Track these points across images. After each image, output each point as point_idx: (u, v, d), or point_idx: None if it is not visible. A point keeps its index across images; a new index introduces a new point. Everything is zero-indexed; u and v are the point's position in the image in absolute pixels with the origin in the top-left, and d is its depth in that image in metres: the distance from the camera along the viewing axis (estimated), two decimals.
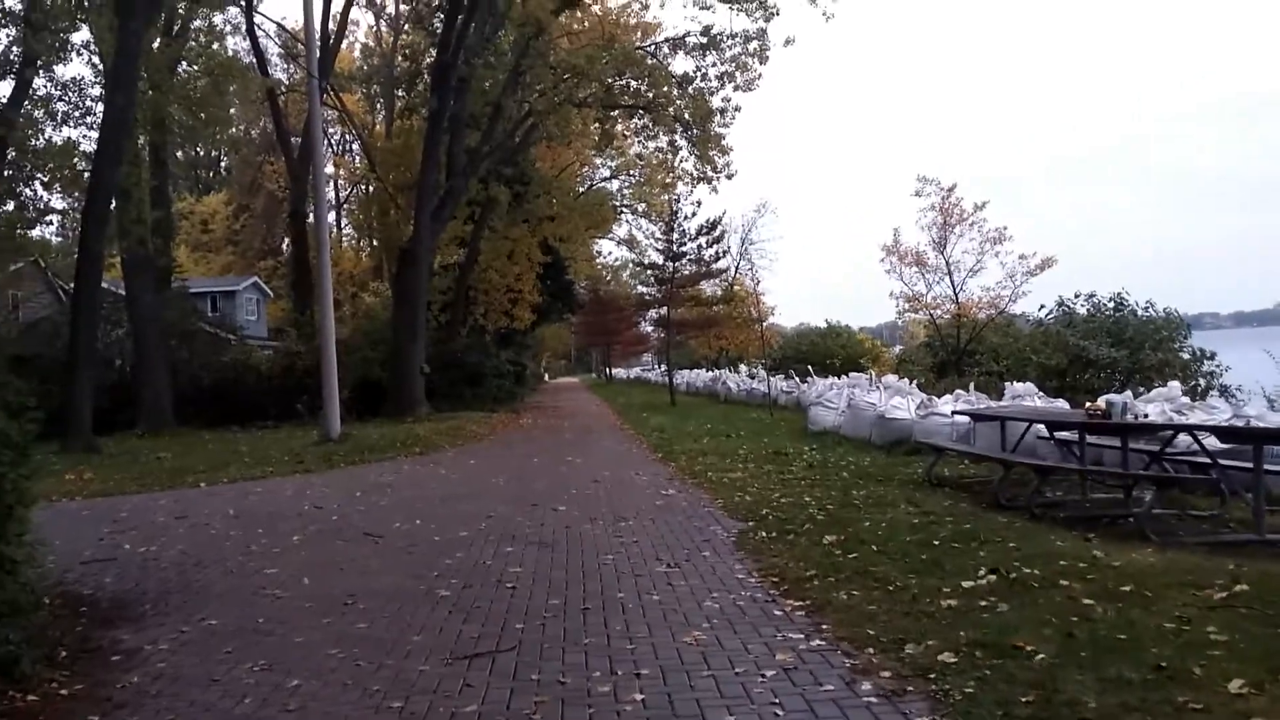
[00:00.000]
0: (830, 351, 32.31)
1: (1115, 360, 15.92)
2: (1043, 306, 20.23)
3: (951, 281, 25.23)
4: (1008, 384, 12.81)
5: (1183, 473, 7.75)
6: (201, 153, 66.60)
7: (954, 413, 11.66)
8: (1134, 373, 15.72)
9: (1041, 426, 9.40)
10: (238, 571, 7.10)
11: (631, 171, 44.72)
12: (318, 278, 20.08)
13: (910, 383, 14.81)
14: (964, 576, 5.46)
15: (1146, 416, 8.25)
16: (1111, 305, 18.86)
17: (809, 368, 24.18)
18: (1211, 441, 8.23)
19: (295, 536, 8.53)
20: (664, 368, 57.25)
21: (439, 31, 27.48)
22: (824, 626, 4.78)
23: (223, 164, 66.20)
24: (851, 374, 18.24)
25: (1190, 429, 7.68)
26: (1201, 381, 15.01)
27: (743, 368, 35.27)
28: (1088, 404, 8.65)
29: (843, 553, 6.40)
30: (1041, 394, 12.64)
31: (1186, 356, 17.04)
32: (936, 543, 6.47)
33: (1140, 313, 18.22)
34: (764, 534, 7.34)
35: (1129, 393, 10.87)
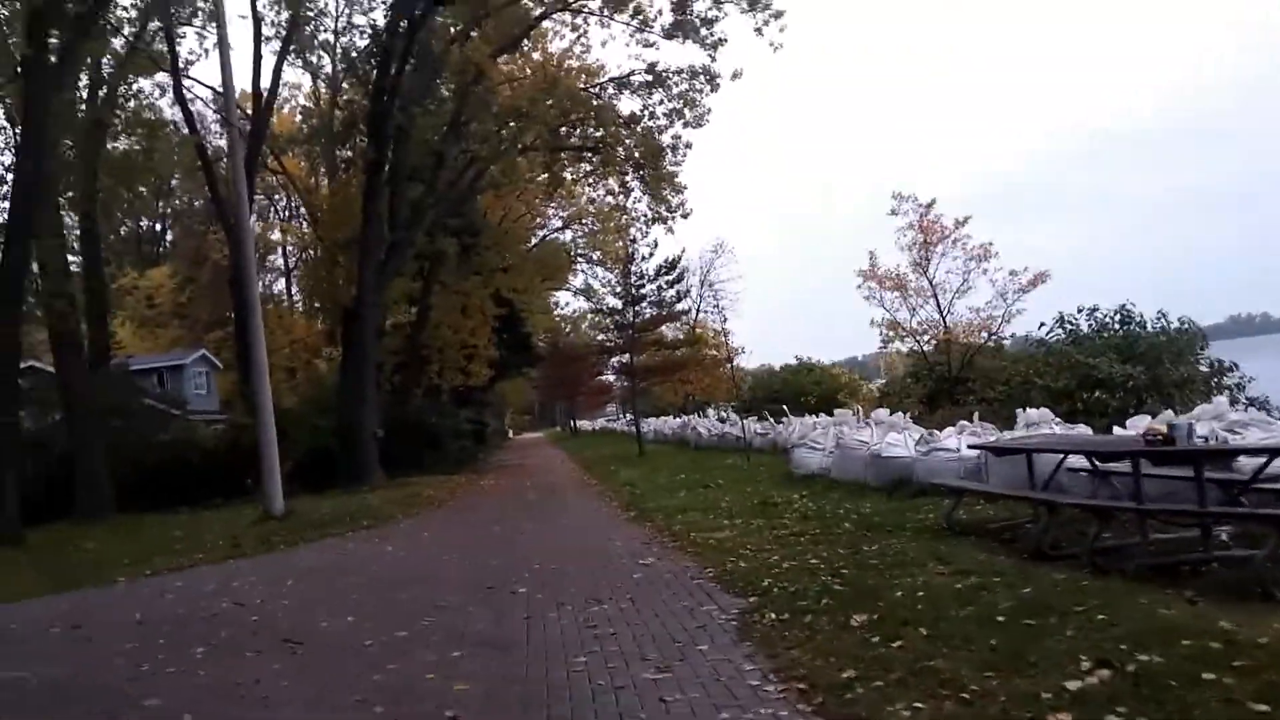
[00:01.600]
0: (803, 389, 30.94)
1: (1131, 378, 14.66)
2: (1042, 325, 19.00)
3: (938, 304, 23.92)
4: (1021, 411, 11.52)
5: (1270, 505, 6.43)
6: (145, 226, 65.01)
7: (971, 447, 10.29)
8: (1152, 390, 14.53)
9: (1078, 459, 8.08)
10: (107, 708, 5.52)
11: (584, 220, 43.78)
12: (251, 342, 18.46)
13: (905, 416, 13.50)
14: (1061, 671, 4.04)
15: (1209, 440, 6.98)
16: (1118, 319, 17.68)
17: (784, 407, 22.85)
18: None
19: (199, 649, 6.93)
20: (629, 417, 55.88)
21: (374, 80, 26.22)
22: None
23: (168, 237, 64.37)
24: (836, 411, 16.91)
25: None
26: (1225, 396, 13.80)
27: (711, 412, 33.94)
28: (1145, 428, 7.35)
29: (882, 639, 4.96)
30: (1059, 420, 11.36)
31: (1205, 369, 15.88)
32: (1000, 618, 5.03)
33: (1151, 325, 17.08)
34: (772, 615, 5.87)
35: (1169, 413, 9.62)
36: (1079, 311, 18.38)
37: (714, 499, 13.43)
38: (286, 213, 52.93)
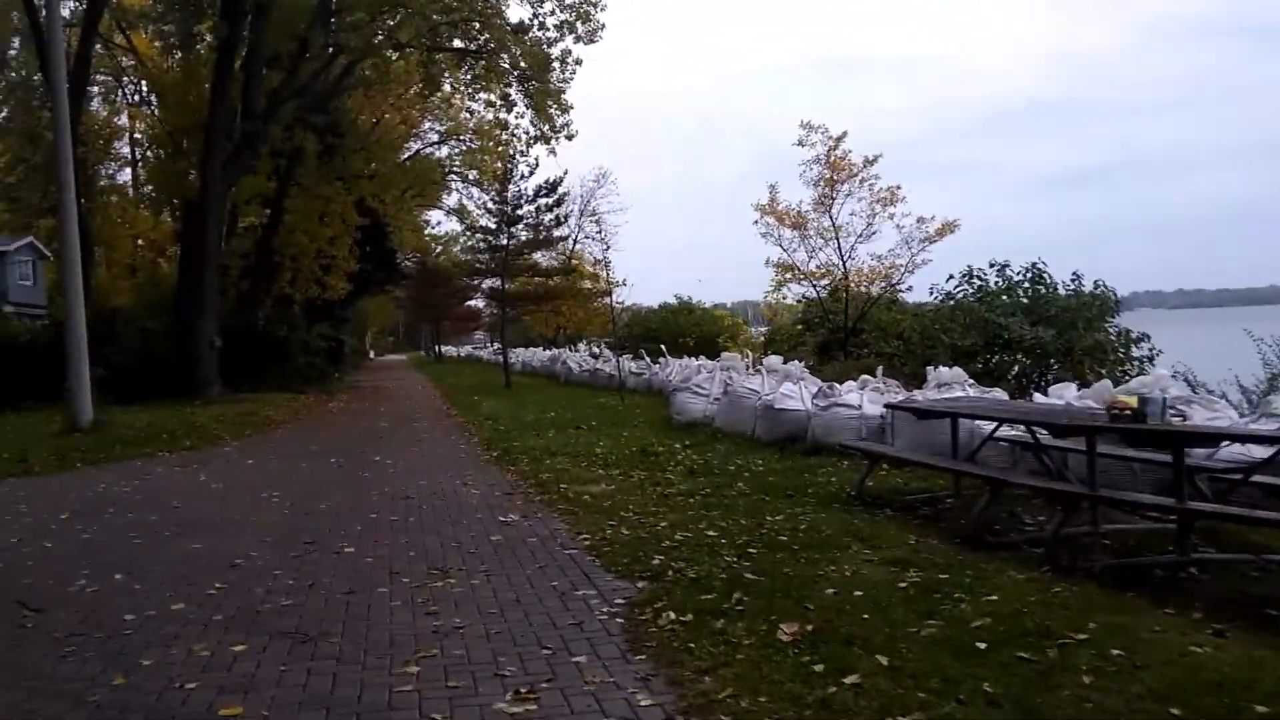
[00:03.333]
0: (682, 329, 29.65)
1: (1040, 341, 13.84)
2: (950, 277, 17.83)
3: (839, 247, 22.15)
4: (930, 369, 10.50)
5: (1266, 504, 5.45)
6: None
7: (889, 406, 9.11)
8: (1063, 356, 13.78)
9: (1011, 429, 7.03)
10: None
11: (461, 136, 41.17)
12: (62, 226, 15.93)
13: (800, 366, 12.35)
14: None
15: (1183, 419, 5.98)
16: (1029, 277, 16.79)
17: (662, 347, 21.52)
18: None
19: None
20: (497, 346, 53.86)
21: None
22: None
23: (1, 112, 57.99)
24: (724, 355, 15.68)
25: None
26: (1131, 369, 13.21)
27: (583, 346, 32.49)
28: (1111, 399, 6.28)
29: (827, 667, 3.64)
30: (973, 382, 10.40)
31: (1114, 337, 15.18)
32: (980, 644, 3.80)
33: (1064, 288, 16.30)
34: (671, 614, 4.50)
35: (1107, 382, 8.71)
36: (990, 266, 17.47)
37: (587, 443, 12.01)
38: (136, 97, 48.10)
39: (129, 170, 51.93)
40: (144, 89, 46.79)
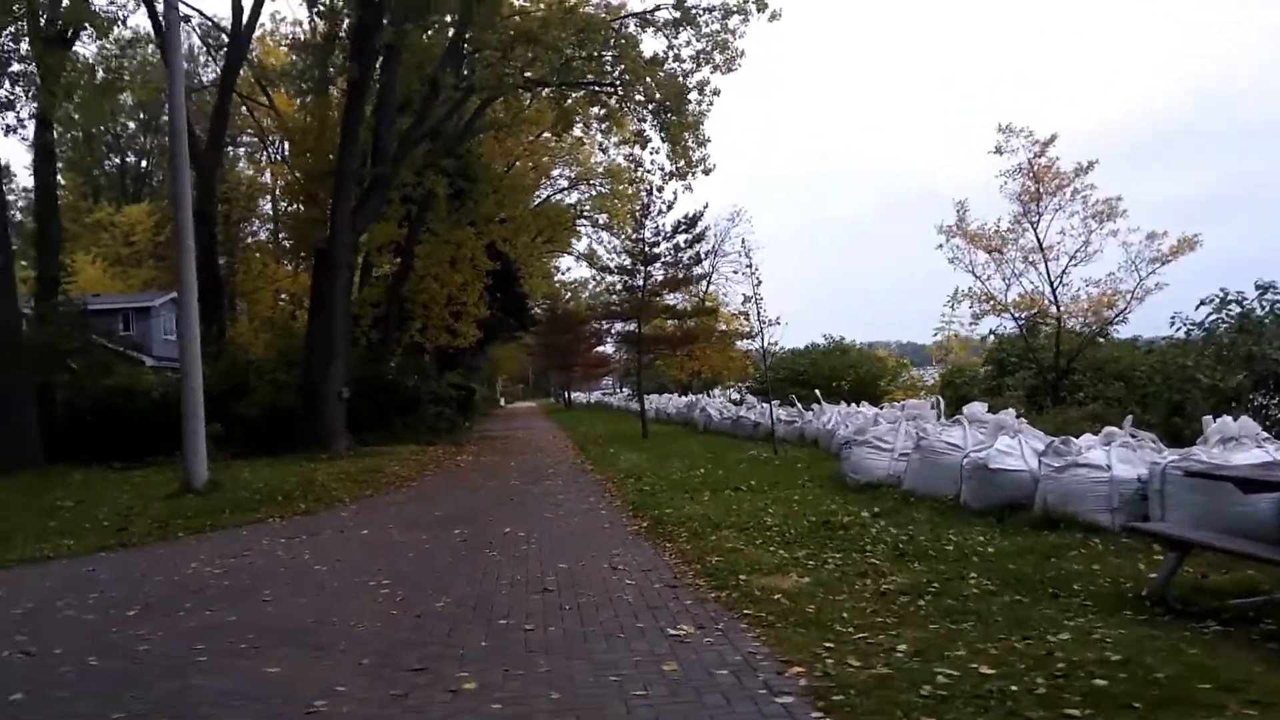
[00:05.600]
0: (837, 372, 27.18)
1: None
2: (1201, 304, 14.79)
3: (1047, 271, 18.56)
4: (1210, 419, 8.17)
5: None
6: (132, 161, 61.40)
7: (1194, 474, 6.73)
8: None
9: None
10: None
11: (592, 181, 40.24)
12: (180, 273, 15.11)
13: (1014, 415, 10.10)
14: None
15: None
16: None
17: (816, 392, 19.34)
18: None
19: None
20: (627, 391, 52.31)
21: None
22: None
23: (158, 177, 60.73)
24: (910, 402, 13.48)
25: None
26: None
27: (719, 392, 30.51)
28: None
29: None
30: (1267, 435, 8.04)
31: None
32: None
33: None
34: None
35: None
36: (1256, 289, 14.29)
37: (753, 510, 10.05)
38: (279, 155, 49.21)
39: (272, 226, 53.23)
40: (284, 147, 47.97)
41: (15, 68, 21.43)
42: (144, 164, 62.39)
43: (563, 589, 6.73)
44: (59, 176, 53.85)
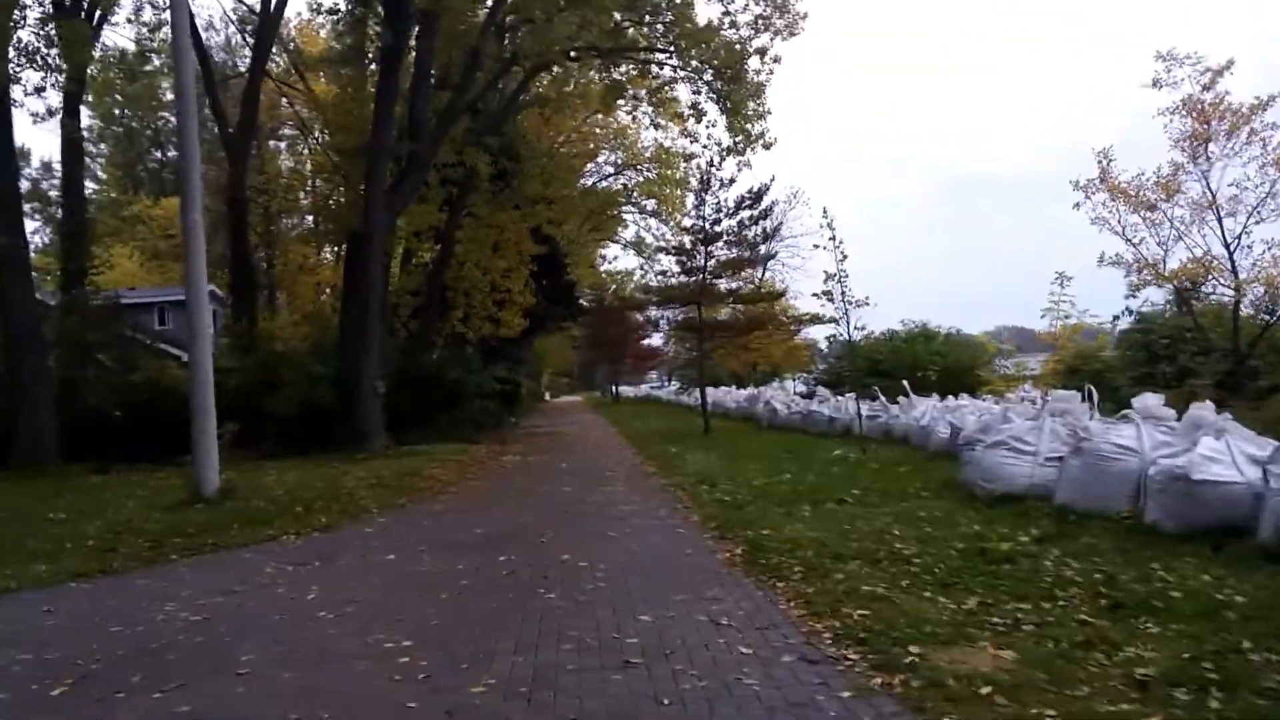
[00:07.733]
0: (920, 360, 24.63)
1: None
2: None
3: (1222, 233, 15.57)
4: None
5: None
6: (171, 156, 60.61)
7: None
8: None
9: None
10: None
11: (639, 166, 38.24)
12: (188, 258, 13.38)
13: (1218, 412, 7.91)
14: None
15: None
16: None
17: (904, 384, 17.06)
18: None
19: None
20: (677, 385, 50.14)
21: None
22: None
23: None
24: (1055, 393, 11.27)
25: None
26: None
27: (786, 383, 28.34)
28: None
29: None
30: None
31: None
32: None
33: None
34: None
35: None
36: None
37: (873, 530, 7.95)
38: (319, 143, 47.80)
39: (311, 218, 51.96)
40: (323, 137, 46.54)
41: (44, 50, 20.12)
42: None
43: (652, 662, 4.76)
44: (100, 172, 53.27)
